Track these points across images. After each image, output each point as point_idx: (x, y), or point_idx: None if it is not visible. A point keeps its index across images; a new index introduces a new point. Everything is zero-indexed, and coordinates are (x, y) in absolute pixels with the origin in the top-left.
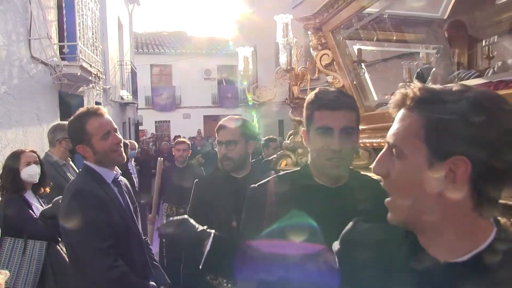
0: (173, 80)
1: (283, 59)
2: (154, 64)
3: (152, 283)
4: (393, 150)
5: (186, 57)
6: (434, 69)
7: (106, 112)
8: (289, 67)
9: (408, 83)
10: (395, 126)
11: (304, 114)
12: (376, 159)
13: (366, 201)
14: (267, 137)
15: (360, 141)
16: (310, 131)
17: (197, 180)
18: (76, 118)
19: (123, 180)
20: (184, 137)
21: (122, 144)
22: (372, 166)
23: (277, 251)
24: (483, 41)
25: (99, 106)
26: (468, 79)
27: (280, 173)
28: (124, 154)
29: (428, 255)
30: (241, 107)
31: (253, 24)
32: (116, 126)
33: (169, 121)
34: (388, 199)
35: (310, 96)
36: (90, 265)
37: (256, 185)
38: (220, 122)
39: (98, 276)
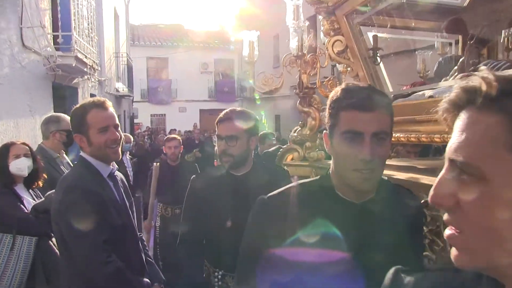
0: (169, 73)
1: (293, 43)
2: (151, 56)
3: (146, 279)
4: (463, 170)
5: (183, 50)
6: (462, 58)
7: (111, 106)
8: (300, 53)
9: (424, 74)
10: (459, 137)
11: (327, 113)
12: (435, 184)
13: (398, 220)
14: (262, 132)
15: None
16: (335, 135)
17: (193, 176)
18: (80, 106)
19: (119, 175)
20: (175, 131)
21: (120, 142)
22: (430, 194)
23: (300, 259)
24: (503, 31)
25: (105, 99)
26: (499, 69)
27: (300, 182)
28: (120, 152)
29: None
30: (237, 102)
31: (252, 15)
32: (118, 123)
33: (164, 115)
34: (454, 234)
35: (336, 92)
36: (84, 261)
37: (273, 193)
38: (220, 115)
39: (93, 271)
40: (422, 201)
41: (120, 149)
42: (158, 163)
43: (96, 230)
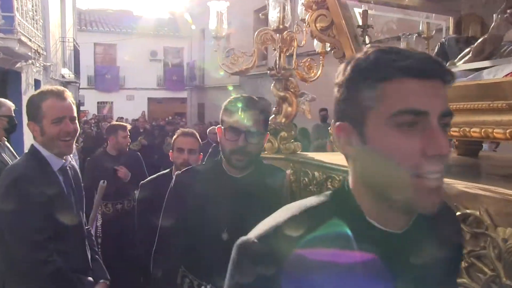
0: (117, 60)
1: (273, 15)
2: (98, 42)
3: (89, 278)
4: None
5: (132, 37)
6: (484, 36)
7: (71, 97)
8: (281, 26)
9: None
10: None
11: (340, 93)
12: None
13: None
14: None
15: None
16: (372, 122)
17: (178, 173)
18: (38, 93)
19: (72, 167)
20: (122, 119)
21: (75, 135)
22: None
23: None
24: None
25: (65, 89)
26: None
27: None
28: (73, 146)
29: None
30: (186, 90)
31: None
32: (75, 115)
33: (112, 102)
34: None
35: (365, 55)
36: (23, 259)
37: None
38: (237, 102)
39: (31, 270)
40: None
41: (74, 142)
42: (105, 183)
43: (38, 228)
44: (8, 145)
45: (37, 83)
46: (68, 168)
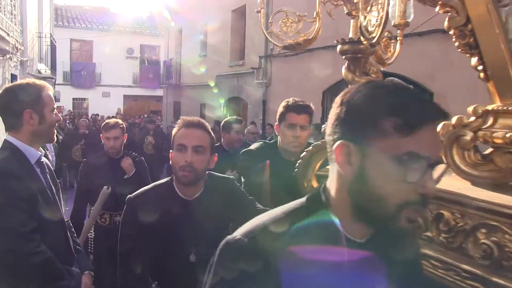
0: (93, 57)
1: None
2: (74, 38)
3: (76, 269)
4: None
5: (109, 33)
6: None
7: None
8: None
9: None
10: None
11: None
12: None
13: None
14: (229, 118)
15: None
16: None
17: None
18: (32, 83)
19: (45, 160)
20: (97, 116)
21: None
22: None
23: None
24: None
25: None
26: None
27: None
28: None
29: None
30: (162, 88)
31: None
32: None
33: (87, 99)
34: None
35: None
36: (11, 253)
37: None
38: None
39: (19, 263)
40: None
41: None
42: (109, 188)
43: (23, 219)
44: None
45: (13, 78)
46: (42, 160)
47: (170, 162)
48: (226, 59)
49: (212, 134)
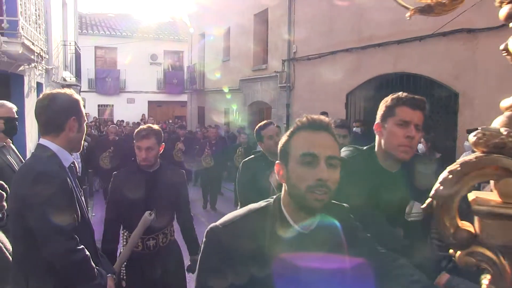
0: (118, 64)
1: None
2: (99, 46)
3: (103, 270)
4: None
5: (132, 40)
6: None
7: None
8: None
9: None
10: None
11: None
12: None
13: None
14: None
15: None
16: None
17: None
18: (63, 93)
19: (75, 165)
20: (122, 122)
21: None
22: None
23: None
24: None
25: None
26: None
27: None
28: None
29: None
30: (186, 94)
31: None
32: None
33: (112, 105)
34: None
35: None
36: (52, 248)
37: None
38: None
39: (60, 258)
40: None
41: None
42: (151, 214)
43: (66, 220)
44: (13, 147)
45: (39, 86)
46: (72, 165)
47: (289, 181)
48: (249, 63)
49: None
